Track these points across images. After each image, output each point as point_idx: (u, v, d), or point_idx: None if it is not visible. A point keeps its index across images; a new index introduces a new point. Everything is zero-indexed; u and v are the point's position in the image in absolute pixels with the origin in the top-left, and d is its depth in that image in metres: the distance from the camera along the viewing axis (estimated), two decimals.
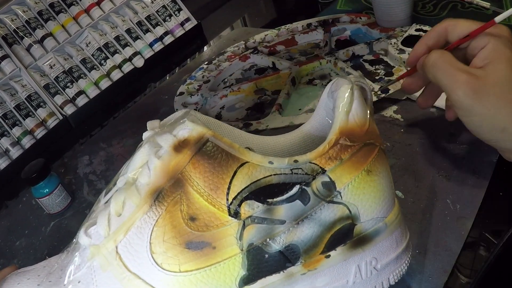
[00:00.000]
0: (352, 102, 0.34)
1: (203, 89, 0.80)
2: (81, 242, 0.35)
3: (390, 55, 0.72)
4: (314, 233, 0.33)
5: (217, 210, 0.31)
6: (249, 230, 0.31)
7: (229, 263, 0.32)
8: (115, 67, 0.92)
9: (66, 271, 0.35)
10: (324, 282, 0.35)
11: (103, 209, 0.35)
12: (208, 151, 0.31)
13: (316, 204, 0.32)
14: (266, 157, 0.32)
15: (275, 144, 0.40)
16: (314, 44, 0.86)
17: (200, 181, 0.31)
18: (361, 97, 0.35)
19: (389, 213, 0.36)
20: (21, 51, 0.85)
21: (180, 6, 1.02)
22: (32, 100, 0.82)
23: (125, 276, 0.32)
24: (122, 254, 0.32)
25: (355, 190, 0.33)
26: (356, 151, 0.33)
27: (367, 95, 0.36)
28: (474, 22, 0.44)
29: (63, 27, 0.90)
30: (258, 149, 0.40)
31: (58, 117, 0.84)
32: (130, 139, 0.77)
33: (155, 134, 0.35)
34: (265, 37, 0.90)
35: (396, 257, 0.37)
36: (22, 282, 0.36)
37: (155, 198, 0.32)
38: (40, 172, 0.62)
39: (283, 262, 0.33)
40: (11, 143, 0.78)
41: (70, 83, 0.87)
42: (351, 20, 0.86)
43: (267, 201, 0.31)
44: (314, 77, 0.75)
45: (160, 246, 0.31)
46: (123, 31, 0.95)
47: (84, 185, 0.70)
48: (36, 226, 0.65)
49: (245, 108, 0.74)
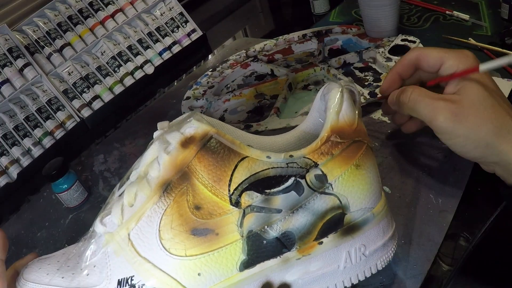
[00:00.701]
0: (342, 103, 0.34)
1: (207, 94, 0.80)
2: (97, 230, 0.35)
3: (378, 63, 0.73)
4: (308, 221, 0.33)
5: (220, 200, 0.31)
6: (249, 218, 0.31)
7: (230, 248, 0.32)
8: (127, 74, 0.92)
9: (83, 257, 0.35)
10: (317, 266, 0.35)
11: (117, 201, 0.35)
12: (212, 146, 0.32)
13: (309, 195, 0.33)
14: (264, 152, 0.32)
15: (273, 143, 0.40)
16: (309, 53, 0.86)
17: (205, 173, 0.31)
18: (350, 99, 0.35)
19: (376, 204, 0.36)
20: (42, 59, 0.85)
21: (187, 18, 1.02)
22: (52, 104, 0.83)
23: (136, 260, 0.32)
24: (134, 240, 0.33)
25: (345, 182, 0.33)
26: (346, 147, 0.33)
27: (355, 97, 0.36)
28: (445, 51, 0.43)
29: (80, 37, 0.90)
30: (258, 147, 0.40)
31: (76, 120, 0.85)
32: (142, 139, 0.77)
33: (164, 133, 0.35)
34: (264, 47, 0.90)
35: (383, 244, 0.37)
36: (43, 267, 0.37)
37: (164, 189, 0.32)
38: (59, 169, 0.62)
39: (280, 247, 0.33)
40: (33, 143, 0.79)
41: (87, 89, 0.87)
42: (342, 31, 0.86)
43: (265, 192, 0.32)
44: (309, 83, 0.76)
45: (168, 233, 0.31)
46: (135, 41, 0.95)
47: (100, 182, 0.70)
48: (55, 219, 0.65)
49: (246, 111, 0.74)
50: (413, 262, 0.41)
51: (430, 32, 0.80)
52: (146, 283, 0.32)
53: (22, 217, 0.68)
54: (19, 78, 0.81)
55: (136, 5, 0.97)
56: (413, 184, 0.50)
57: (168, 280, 0.32)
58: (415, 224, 0.45)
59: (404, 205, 0.47)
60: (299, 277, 0.35)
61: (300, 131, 0.41)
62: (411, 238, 0.43)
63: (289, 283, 0.35)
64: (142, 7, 0.97)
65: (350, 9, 0.98)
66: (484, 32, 0.76)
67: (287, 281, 0.35)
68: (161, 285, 0.32)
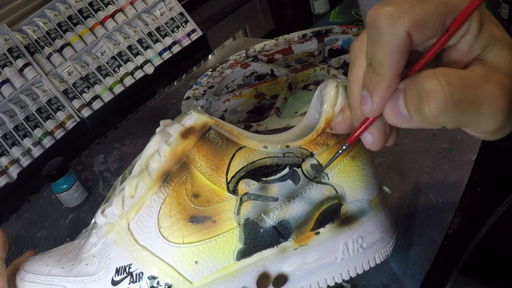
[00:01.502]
0: (337, 97, 0.35)
1: (207, 94, 0.81)
2: (97, 221, 0.36)
3: None
4: (305, 211, 0.33)
5: (218, 187, 0.32)
6: (246, 206, 0.32)
7: (227, 236, 0.32)
8: (127, 74, 0.93)
9: (83, 249, 0.36)
10: (314, 257, 0.35)
11: (118, 193, 0.36)
12: (210, 137, 0.33)
13: (305, 184, 0.33)
14: (261, 142, 0.33)
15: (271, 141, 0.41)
16: (309, 53, 0.86)
17: (203, 162, 0.32)
18: (345, 94, 0.36)
19: (373, 196, 0.37)
20: (42, 59, 0.86)
21: (187, 18, 1.03)
22: (52, 104, 0.84)
23: (135, 248, 0.33)
24: (133, 230, 0.34)
25: (341, 173, 0.34)
26: (342, 139, 0.34)
27: None
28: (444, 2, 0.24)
29: (80, 37, 0.91)
30: None
31: (76, 120, 0.86)
32: (141, 140, 0.78)
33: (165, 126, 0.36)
34: (264, 47, 0.90)
35: (381, 237, 0.37)
36: (43, 259, 0.38)
37: (164, 180, 0.33)
38: (59, 169, 0.63)
39: (277, 237, 0.34)
40: (33, 143, 0.79)
41: (87, 89, 0.88)
42: (342, 31, 0.86)
43: (262, 180, 0.32)
44: (309, 83, 0.76)
45: (166, 221, 0.32)
46: (135, 41, 0.96)
47: (100, 181, 0.71)
48: (55, 219, 0.65)
49: (246, 111, 0.75)
50: (413, 262, 0.41)
51: None
52: (143, 271, 0.33)
53: (22, 217, 0.68)
54: (19, 78, 0.82)
55: (136, 5, 0.98)
56: (413, 184, 0.50)
57: (165, 267, 0.33)
58: (415, 224, 0.45)
59: (404, 205, 0.47)
60: (296, 268, 0.35)
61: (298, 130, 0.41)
62: (411, 238, 0.43)
63: (286, 274, 0.35)
64: (142, 7, 0.98)
65: (350, 9, 0.98)
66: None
67: (284, 272, 0.35)
68: (159, 273, 0.33)
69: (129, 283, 0.33)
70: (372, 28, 0.24)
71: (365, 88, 0.25)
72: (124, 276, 0.33)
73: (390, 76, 0.24)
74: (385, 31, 0.23)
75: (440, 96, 0.22)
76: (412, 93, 0.23)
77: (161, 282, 0.33)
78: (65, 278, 0.35)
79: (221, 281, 0.34)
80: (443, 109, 0.22)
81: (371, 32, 0.24)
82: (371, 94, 0.25)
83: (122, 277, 0.33)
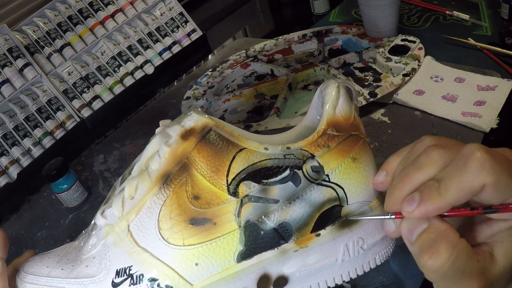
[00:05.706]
0: (338, 98, 0.35)
1: (207, 94, 0.81)
2: (97, 223, 0.36)
3: (378, 62, 0.73)
4: (305, 213, 0.33)
5: (218, 189, 0.32)
6: (246, 208, 0.32)
7: (228, 238, 0.32)
8: (127, 74, 0.93)
9: (83, 250, 0.36)
10: (315, 259, 0.35)
11: (118, 194, 0.36)
12: (211, 138, 0.32)
13: (306, 185, 0.33)
14: (262, 144, 0.33)
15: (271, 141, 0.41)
16: (309, 52, 0.87)
17: (204, 164, 0.32)
18: (346, 95, 0.36)
19: (374, 198, 0.36)
20: (42, 59, 0.86)
21: (187, 18, 1.04)
22: (52, 104, 0.84)
23: (135, 250, 0.33)
24: (133, 231, 0.33)
25: (342, 174, 0.34)
26: (342, 140, 0.34)
27: (352, 94, 0.37)
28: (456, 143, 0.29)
29: (80, 37, 0.91)
30: None
31: (76, 120, 0.86)
32: (141, 140, 0.78)
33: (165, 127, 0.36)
34: (264, 47, 0.91)
35: (381, 239, 0.37)
36: (43, 260, 0.37)
37: (164, 181, 0.33)
38: (59, 169, 0.63)
39: (277, 239, 0.33)
40: (33, 143, 0.80)
41: (87, 89, 0.88)
42: (342, 31, 0.87)
43: (262, 182, 0.32)
44: (309, 83, 0.76)
45: (167, 223, 0.32)
46: (135, 41, 0.96)
47: (100, 181, 0.71)
48: (55, 219, 0.66)
49: (246, 111, 0.75)
50: (413, 262, 0.40)
51: (430, 32, 0.81)
52: (144, 273, 0.33)
53: (22, 217, 0.69)
54: (19, 78, 0.82)
55: (136, 5, 0.98)
56: None
57: (165, 269, 0.32)
58: None
59: None
60: (296, 270, 0.35)
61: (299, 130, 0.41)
62: None
63: (287, 276, 0.35)
64: (142, 7, 0.98)
65: (350, 9, 0.99)
66: (484, 32, 0.77)
67: (285, 274, 0.35)
68: (159, 274, 0.33)
69: (129, 285, 0.33)
70: (462, 159, 0.26)
71: (420, 192, 0.28)
72: (124, 278, 0.33)
73: (446, 203, 0.26)
74: (470, 171, 0.25)
75: (441, 261, 0.26)
76: (428, 237, 0.27)
77: (162, 284, 0.33)
78: (65, 280, 0.35)
79: (222, 283, 0.33)
80: (439, 269, 0.26)
81: (461, 160, 0.26)
82: (422, 201, 0.27)
83: (123, 279, 0.33)
